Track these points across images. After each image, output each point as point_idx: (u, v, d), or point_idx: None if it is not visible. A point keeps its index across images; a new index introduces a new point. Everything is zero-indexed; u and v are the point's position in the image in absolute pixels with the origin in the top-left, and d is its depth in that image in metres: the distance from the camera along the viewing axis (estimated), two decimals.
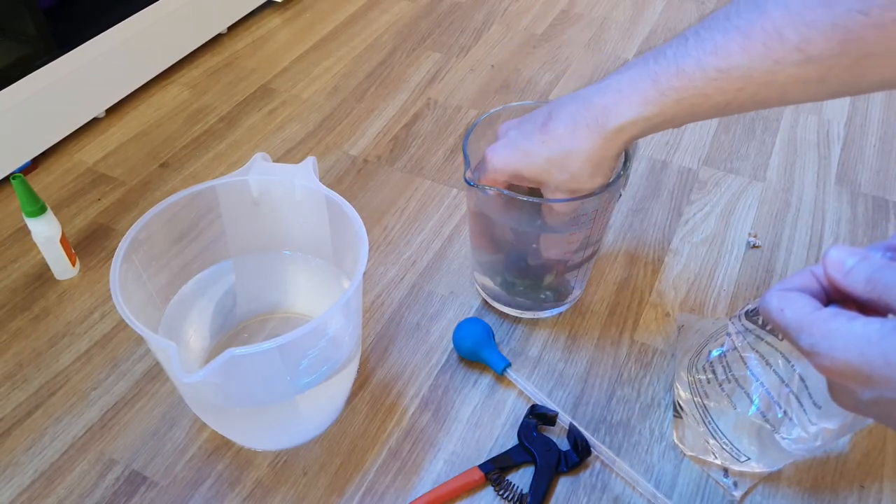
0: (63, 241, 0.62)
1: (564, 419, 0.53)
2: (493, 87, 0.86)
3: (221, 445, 0.53)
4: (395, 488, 0.50)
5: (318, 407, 0.51)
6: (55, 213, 0.67)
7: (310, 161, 0.52)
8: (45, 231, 0.60)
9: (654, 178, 0.74)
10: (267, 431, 0.52)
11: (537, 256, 0.55)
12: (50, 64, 0.72)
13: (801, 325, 0.33)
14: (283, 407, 0.48)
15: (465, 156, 0.53)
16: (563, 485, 0.51)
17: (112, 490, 0.50)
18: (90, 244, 0.67)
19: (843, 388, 0.33)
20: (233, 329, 0.56)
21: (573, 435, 0.52)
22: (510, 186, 0.51)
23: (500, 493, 0.50)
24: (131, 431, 0.53)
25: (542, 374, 0.57)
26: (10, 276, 0.64)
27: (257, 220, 0.54)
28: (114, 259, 0.45)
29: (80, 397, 0.55)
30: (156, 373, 0.57)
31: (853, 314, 0.32)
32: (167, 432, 0.53)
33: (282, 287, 0.59)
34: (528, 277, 0.57)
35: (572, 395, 0.56)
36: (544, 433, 0.53)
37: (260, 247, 0.55)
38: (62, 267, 0.63)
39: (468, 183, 0.51)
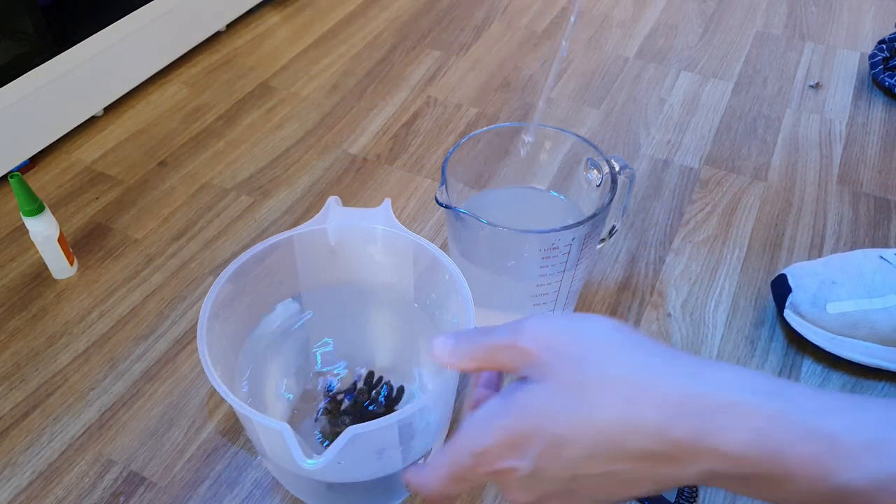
0: (61, 240, 0.62)
1: None
2: (494, 86, 0.86)
3: (220, 446, 0.52)
4: None
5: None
6: (53, 212, 0.67)
7: (386, 203, 0.49)
8: (43, 230, 0.60)
9: (656, 177, 0.74)
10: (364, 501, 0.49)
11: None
12: (48, 62, 0.72)
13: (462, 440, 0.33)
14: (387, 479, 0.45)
15: (443, 174, 0.50)
16: None
17: (110, 491, 0.50)
18: (88, 243, 0.67)
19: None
20: (311, 379, 0.52)
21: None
22: None
23: None
24: (130, 432, 0.53)
25: None
26: (8, 276, 0.64)
27: (334, 267, 0.51)
28: (199, 321, 0.42)
29: (79, 397, 0.55)
30: (154, 373, 0.57)
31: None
32: (166, 433, 0.53)
33: (361, 334, 0.55)
34: None
35: None
36: None
37: (336, 291, 0.53)
38: (60, 266, 0.63)
39: (439, 203, 0.48)
